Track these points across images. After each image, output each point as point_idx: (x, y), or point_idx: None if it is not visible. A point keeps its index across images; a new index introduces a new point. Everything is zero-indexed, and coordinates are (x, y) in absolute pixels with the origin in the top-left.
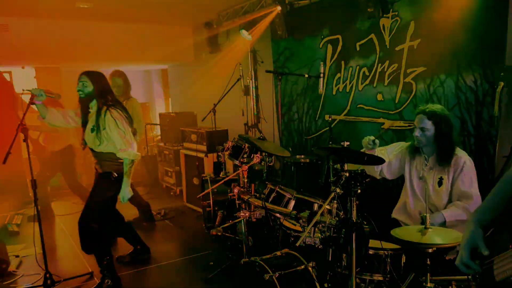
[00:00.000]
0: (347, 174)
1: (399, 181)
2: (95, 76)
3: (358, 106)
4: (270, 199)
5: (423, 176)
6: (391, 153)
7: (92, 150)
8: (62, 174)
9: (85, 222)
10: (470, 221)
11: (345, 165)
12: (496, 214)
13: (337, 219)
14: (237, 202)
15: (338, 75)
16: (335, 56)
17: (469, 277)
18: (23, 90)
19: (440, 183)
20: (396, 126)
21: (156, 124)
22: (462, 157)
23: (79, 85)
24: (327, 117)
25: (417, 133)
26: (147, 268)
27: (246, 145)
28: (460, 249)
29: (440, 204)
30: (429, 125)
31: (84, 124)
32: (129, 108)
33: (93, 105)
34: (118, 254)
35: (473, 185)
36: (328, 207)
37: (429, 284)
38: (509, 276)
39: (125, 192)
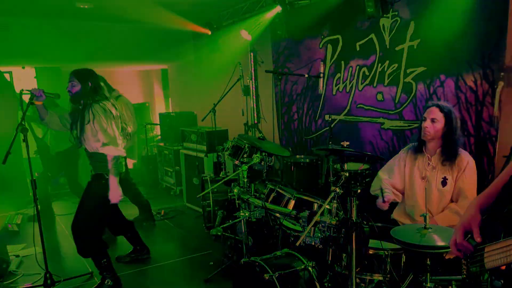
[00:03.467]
0: (347, 174)
1: None
2: (82, 75)
3: (358, 106)
4: (270, 199)
5: (426, 176)
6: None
7: (85, 150)
8: (64, 174)
9: (77, 227)
10: (472, 205)
11: (345, 165)
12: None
13: (337, 219)
14: (237, 202)
15: (338, 75)
16: (335, 56)
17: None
18: (22, 90)
19: (444, 183)
20: (396, 126)
21: (156, 124)
22: (466, 157)
23: (68, 85)
24: (327, 117)
25: (426, 124)
26: (147, 268)
27: (246, 145)
28: (455, 230)
29: (442, 204)
30: (440, 117)
31: (75, 124)
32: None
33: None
34: (118, 254)
35: (472, 186)
36: (328, 207)
37: (429, 284)
38: (499, 265)
39: (112, 193)
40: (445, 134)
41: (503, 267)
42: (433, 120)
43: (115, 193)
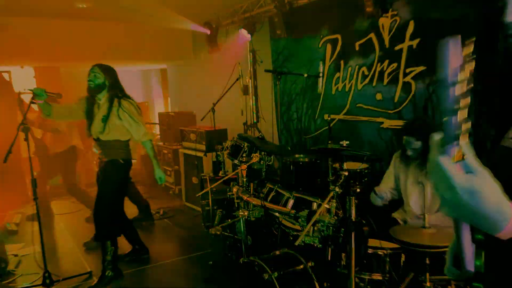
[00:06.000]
0: (346, 173)
1: None
2: (107, 69)
3: (357, 105)
4: (269, 198)
5: (421, 181)
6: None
7: (97, 139)
8: (62, 175)
9: (98, 212)
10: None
11: (344, 164)
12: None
13: (336, 218)
14: (236, 201)
15: (337, 74)
16: (334, 55)
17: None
18: (24, 89)
19: None
20: (395, 126)
21: (155, 124)
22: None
23: (91, 75)
24: (326, 116)
25: (409, 152)
26: (146, 268)
27: (245, 144)
28: (446, 255)
29: (435, 206)
30: (418, 145)
31: (90, 114)
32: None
33: (102, 97)
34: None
35: None
36: (327, 206)
37: (428, 284)
38: None
39: (159, 173)
40: (425, 152)
41: None
42: (413, 149)
43: (161, 173)
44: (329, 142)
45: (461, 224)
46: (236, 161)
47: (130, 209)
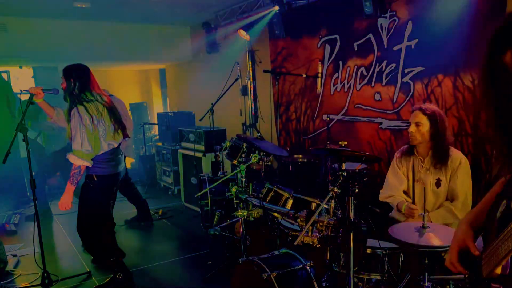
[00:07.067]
0: (345, 174)
1: None
2: (67, 71)
3: (356, 105)
4: (268, 199)
5: (420, 178)
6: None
7: None
8: (61, 174)
9: (81, 229)
10: (461, 222)
11: (343, 165)
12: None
13: (335, 218)
14: (235, 201)
15: (336, 74)
16: (333, 55)
17: (465, 276)
18: (21, 90)
19: (438, 184)
20: (394, 126)
21: (154, 124)
22: (458, 156)
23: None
24: (325, 116)
25: (411, 128)
26: (145, 268)
27: (244, 144)
28: (450, 249)
29: (437, 205)
30: (424, 120)
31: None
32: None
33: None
34: None
35: (464, 184)
36: (326, 206)
37: (426, 283)
38: (493, 268)
39: (63, 199)
40: (432, 136)
41: (499, 270)
42: (417, 124)
43: (65, 201)
44: (328, 142)
45: None
46: (235, 162)
47: (129, 209)
